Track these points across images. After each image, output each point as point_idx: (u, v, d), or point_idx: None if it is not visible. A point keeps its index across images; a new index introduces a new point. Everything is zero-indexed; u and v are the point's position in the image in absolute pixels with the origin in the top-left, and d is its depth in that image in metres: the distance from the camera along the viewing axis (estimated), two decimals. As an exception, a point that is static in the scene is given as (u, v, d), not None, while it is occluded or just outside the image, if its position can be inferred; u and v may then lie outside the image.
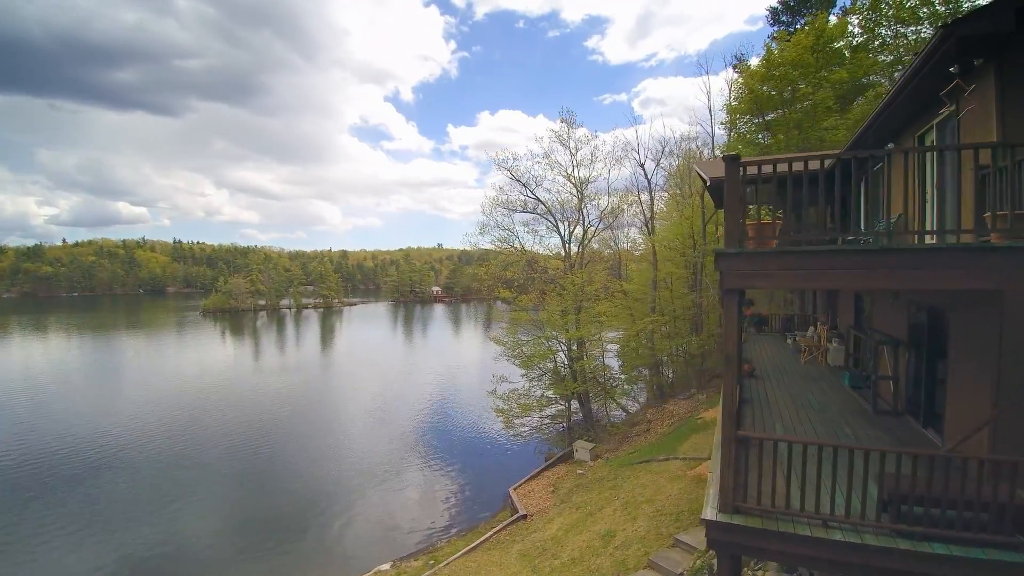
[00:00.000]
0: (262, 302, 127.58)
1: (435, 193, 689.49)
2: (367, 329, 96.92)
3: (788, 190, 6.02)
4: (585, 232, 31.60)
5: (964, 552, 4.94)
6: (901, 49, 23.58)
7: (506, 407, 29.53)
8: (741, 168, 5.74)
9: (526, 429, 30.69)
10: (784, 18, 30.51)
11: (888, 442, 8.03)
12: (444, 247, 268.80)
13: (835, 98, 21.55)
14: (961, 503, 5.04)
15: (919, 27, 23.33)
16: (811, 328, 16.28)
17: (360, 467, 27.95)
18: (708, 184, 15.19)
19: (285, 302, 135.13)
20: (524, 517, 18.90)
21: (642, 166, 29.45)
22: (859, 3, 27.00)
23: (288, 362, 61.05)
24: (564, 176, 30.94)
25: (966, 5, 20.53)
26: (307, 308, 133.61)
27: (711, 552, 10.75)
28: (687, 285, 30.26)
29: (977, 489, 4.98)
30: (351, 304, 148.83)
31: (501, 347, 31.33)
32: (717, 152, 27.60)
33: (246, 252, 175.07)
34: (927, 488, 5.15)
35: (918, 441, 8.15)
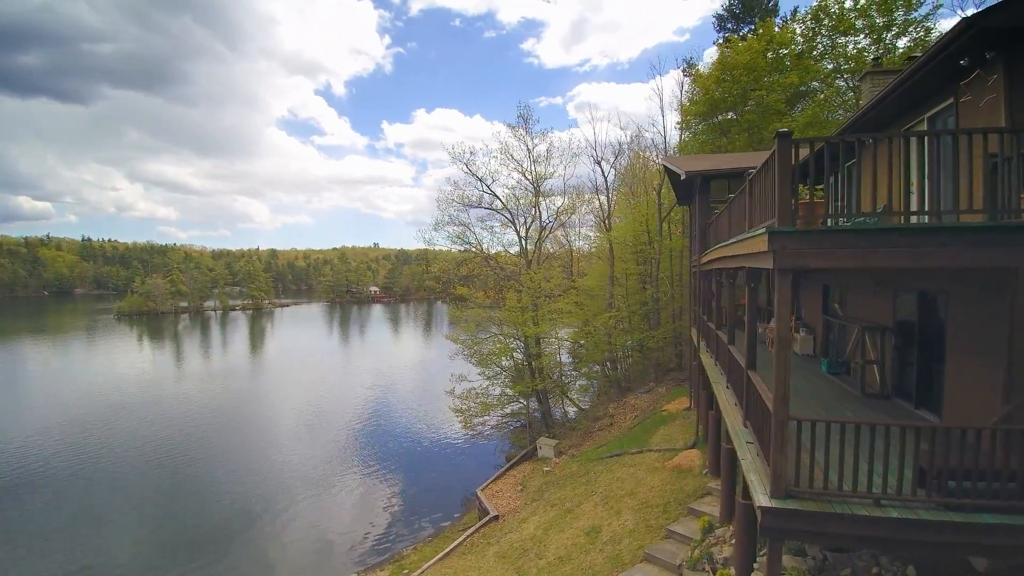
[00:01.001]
0: (184, 304, 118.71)
1: (370, 191, 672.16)
2: (301, 331, 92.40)
3: (813, 171, 6.02)
4: (542, 229, 31.59)
5: (1013, 520, 5.09)
6: (840, 59, 25.28)
7: (464, 407, 28.95)
8: (793, 147, 5.67)
9: (486, 428, 30.24)
10: (729, 25, 31.98)
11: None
12: (381, 246, 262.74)
13: (784, 101, 22.70)
14: (1006, 473, 5.21)
15: (856, 38, 25.12)
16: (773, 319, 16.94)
17: (301, 477, 26.37)
18: (683, 178, 15.46)
19: (210, 303, 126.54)
20: (496, 518, 18.47)
21: (599, 163, 29.88)
22: (799, 14, 28.71)
23: (214, 368, 56.82)
24: (520, 172, 30.84)
25: (899, 15, 22.31)
26: (234, 310, 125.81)
27: (707, 541, 10.86)
28: (641, 281, 30.98)
29: (1021, 459, 5.16)
30: (283, 305, 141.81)
31: (457, 346, 30.74)
32: (671, 151, 28.42)
33: (164, 251, 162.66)
34: (975, 461, 5.29)
35: (914, 422, 8.53)
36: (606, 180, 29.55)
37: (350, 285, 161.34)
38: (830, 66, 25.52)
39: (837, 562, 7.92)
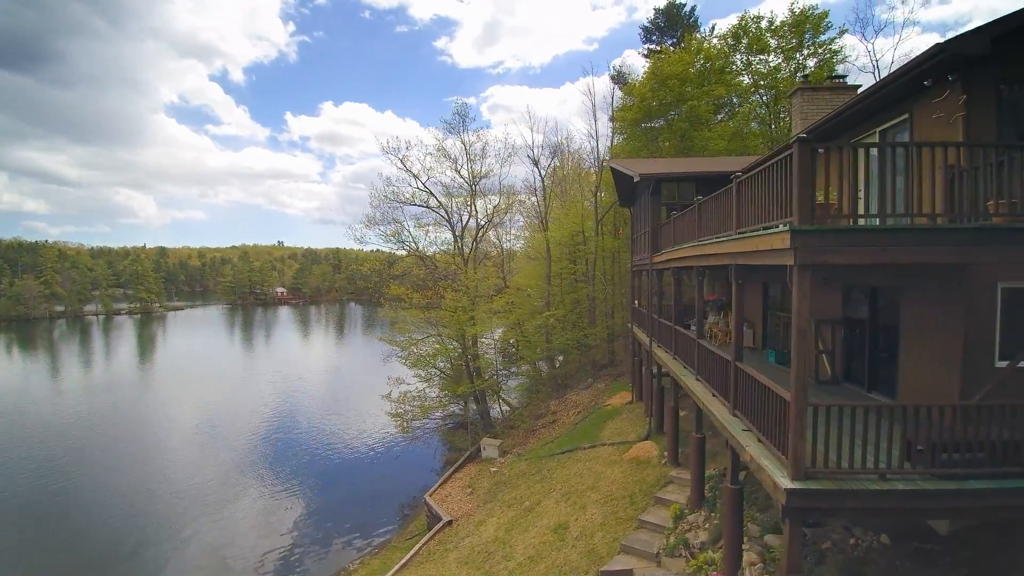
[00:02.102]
0: (60, 308, 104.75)
1: (272, 186, 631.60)
2: (198, 337, 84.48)
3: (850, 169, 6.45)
4: (478, 228, 31.44)
5: (998, 484, 5.80)
6: (756, 75, 27.55)
7: (401, 410, 28.08)
8: (812, 152, 6.04)
9: (423, 432, 29.57)
10: (655, 37, 33.78)
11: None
12: (286, 245, 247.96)
13: (711, 112, 24.34)
14: (988, 444, 5.92)
15: (767, 56, 27.49)
16: (712, 315, 18.06)
17: (203, 495, 24.31)
18: (636, 181, 16.04)
19: (91, 307, 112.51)
20: (450, 523, 18.07)
21: (536, 163, 30.26)
22: (719, 31, 30.90)
23: (96, 380, 50.40)
24: (455, 170, 30.49)
25: (808, 37, 24.74)
26: (120, 314, 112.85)
27: (680, 528, 11.33)
28: (574, 280, 31.84)
29: (1000, 431, 5.88)
30: (176, 308, 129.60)
31: (391, 348, 29.76)
32: (603, 154, 29.43)
33: (35, 248, 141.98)
34: (964, 434, 5.95)
35: (867, 403, 9.46)
36: (542, 180, 30.03)
37: (254, 286, 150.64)
38: (747, 80, 27.76)
39: (816, 536, 8.58)
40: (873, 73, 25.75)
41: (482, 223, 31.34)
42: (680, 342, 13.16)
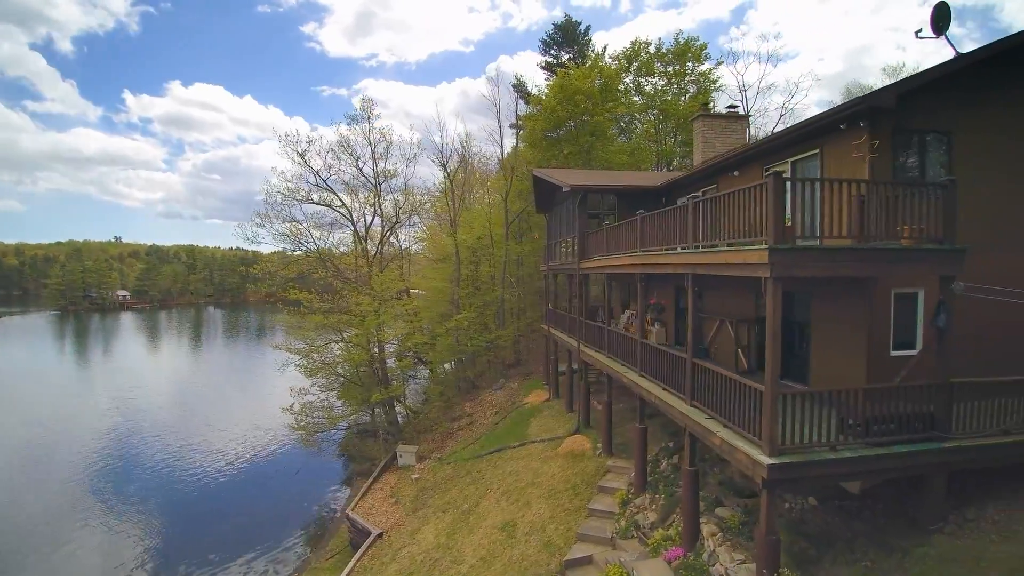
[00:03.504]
0: None
1: (106, 173, 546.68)
2: (18, 349, 70.70)
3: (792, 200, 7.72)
4: (384, 230, 30.63)
5: (915, 447, 7.44)
6: (644, 95, 30.36)
7: (305, 422, 26.40)
8: (782, 184, 7.19)
9: (328, 445, 28.11)
10: (552, 50, 35.66)
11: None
12: (126, 241, 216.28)
13: (613, 127, 26.40)
14: (905, 416, 7.56)
15: (653, 79, 30.45)
16: (627, 313, 19.73)
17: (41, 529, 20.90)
18: (565, 191, 17.02)
19: None
20: (381, 535, 17.57)
21: (444, 166, 30.25)
22: (613, 51, 33.40)
23: None
24: (357, 167, 29.40)
25: (689, 66, 27.89)
26: None
27: (629, 512, 12.41)
28: (482, 283, 32.42)
29: (914, 406, 7.56)
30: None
31: (290, 356, 27.81)
32: (504, 156, 30.38)
33: None
34: (882, 410, 7.54)
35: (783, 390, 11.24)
36: (451, 183, 30.10)
37: (88, 289, 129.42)
38: (639, 100, 30.50)
39: (755, 505, 10.03)
40: (742, 97, 29.80)
41: (388, 224, 30.58)
42: (617, 342, 14.30)
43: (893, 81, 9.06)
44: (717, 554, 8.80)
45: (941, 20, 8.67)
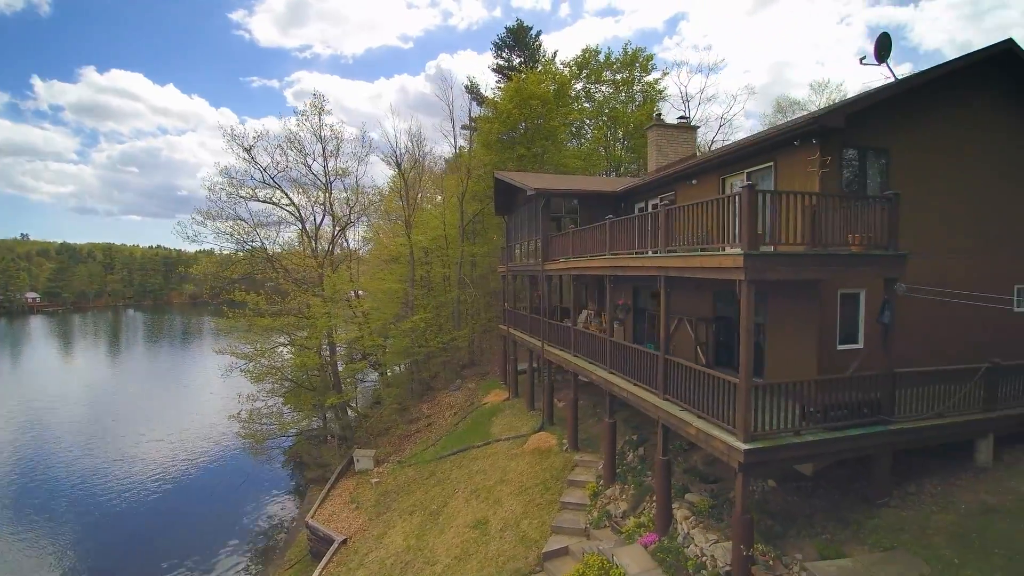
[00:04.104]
0: None
1: (10, 165, 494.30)
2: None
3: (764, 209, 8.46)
4: (335, 229, 29.89)
5: (865, 430, 8.38)
6: (595, 102, 31.37)
7: (252, 429, 25.39)
8: (755, 195, 7.89)
9: (277, 452, 27.13)
10: (504, 53, 36.07)
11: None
12: (33, 239, 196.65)
13: (566, 132, 27.15)
14: (856, 403, 8.50)
15: (602, 87, 31.54)
16: (585, 313, 20.42)
17: None
18: (530, 194, 17.43)
19: None
20: (345, 542, 17.28)
21: (399, 165, 29.82)
22: (564, 59, 34.24)
23: None
24: (307, 166, 28.55)
25: (637, 74, 29.16)
26: None
27: (600, 503, 12.97)
28: (435, 283, 32.33)
29: (863, 394, 8.51)
30: None
31: (235, 360, 26.58)
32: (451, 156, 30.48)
33: None
34: (842, 397, 8.44)
35: (742, 382, 12.17)
36: (405, 182, 29.81)
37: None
38: (589, 106, 31.48)
39: (720, 489, 10.84)
40: (685, 107, 31.41)
41: (339, 223, 29.87)
42: (585, 341, 14.84)
43: (823, 97, 10.18)
44: (691, 536, 9.46)
45: (883, 49, 9.76)
